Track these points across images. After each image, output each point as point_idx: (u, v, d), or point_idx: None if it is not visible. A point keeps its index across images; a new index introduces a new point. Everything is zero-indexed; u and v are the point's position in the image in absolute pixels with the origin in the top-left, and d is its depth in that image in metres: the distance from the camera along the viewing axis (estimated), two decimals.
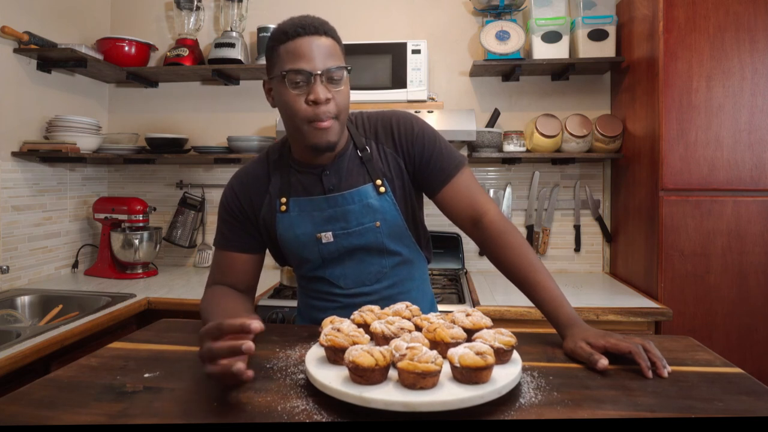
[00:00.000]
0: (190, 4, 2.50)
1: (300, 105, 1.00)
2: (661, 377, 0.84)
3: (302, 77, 0.99)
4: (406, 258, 1.18)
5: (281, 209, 1.12)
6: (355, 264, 1.15)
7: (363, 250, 1.14)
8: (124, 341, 1.04)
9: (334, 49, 1.04)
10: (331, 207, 1.11)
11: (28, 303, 1.99)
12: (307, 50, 0.99)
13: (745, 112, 1.89)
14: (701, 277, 1.90)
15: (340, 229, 1.11)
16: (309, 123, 1.01)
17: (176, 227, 2.62)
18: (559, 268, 2.51)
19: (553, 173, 2.51)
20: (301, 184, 1.13)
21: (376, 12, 2.57)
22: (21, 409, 0.74)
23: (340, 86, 1.03)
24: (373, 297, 1.16)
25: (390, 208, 1.12)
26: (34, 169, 2.21)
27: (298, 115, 1.01)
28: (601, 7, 2.26)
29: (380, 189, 1.11)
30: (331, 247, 1.12)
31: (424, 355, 0.72)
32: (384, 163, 1.13)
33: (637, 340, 0.89)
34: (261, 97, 2.63)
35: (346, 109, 1.07)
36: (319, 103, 0.99)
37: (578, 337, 0.93)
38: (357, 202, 1.10)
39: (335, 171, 1.12)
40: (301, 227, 1.12)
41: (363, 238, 1.12)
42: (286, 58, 1.00)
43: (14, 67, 2.12)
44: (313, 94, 0.99)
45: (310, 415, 0.71)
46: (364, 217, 1.11)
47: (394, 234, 1.14)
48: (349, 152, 1.13)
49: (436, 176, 1.13)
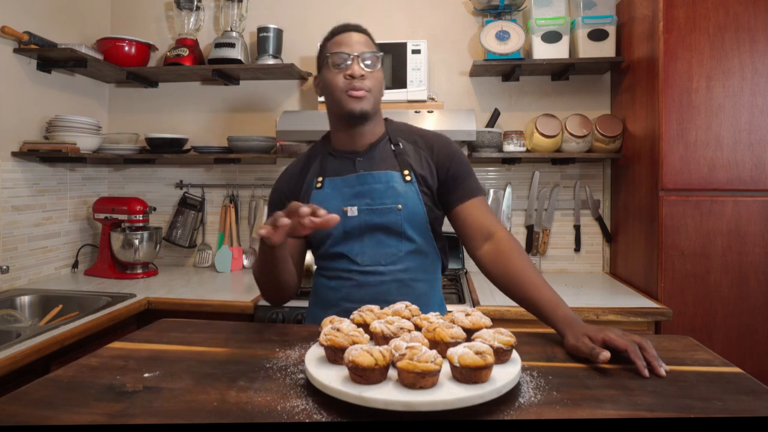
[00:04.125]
0: (190, 4, 2.50)
1: (339, 79, 1.20)
2: (659, 376, 0.85)
3: (342, 58, 1.20)
4: (422, 248, 1.25)
5: (316, 186, 1.26)
6: (373, 243, 1.22)
7: (382, 230, 1.22)
8: (124, 341, 1.04)
9: (369, 43, 1.25)
10: (359, 184, 1.23)
11: (28, 303, 1.99)
12: (347, 40, 1.22)
13: (745, 112, 1.89)
14: (701, 277, 1.90)
15: (364, 205, 1.22)
16: (345, 92, 1.19)
17: (176, 227, 2.62)
18: (559, 268, 2.51)
19: (553, 173, 2.51)
20: (336, 167, 1.27)
21: (376, 12, 2.57)
22: (21, 409, 0.74)
23: (373, 69, 1.22)
24: (386, 277, 1.21)
25: (413, 196, 1.22)
26: (34, 169, 2.21)
27: (337, 87, 1.20)
28: (601, 7, 2.26)
29: (406, 177, 1.23)
30: (354, 221, 1.22)
31: (423, 355, 0.72)
32: (416, 161, 1.25)
33: (636, 339, 0.90)
34: (261, 97, 2.63)
35: (379, 90, 1.24)
36: (355, 77, 1.18)
37: (579, 333, 0.95)
38: (383, 182, 1.22)
39: (368, 158, 1.26)
40: (331, 201, 1.23)
41: (384, 217, 1.21)
42: (331, 47, 1.23)
43: (14, 67, 2.12)
44: (350, 70, 1.19)
45: (310, 414, 0.71)
46: (388, 197, 1.21)
47: (413, 221, 1.22)
48: (383, 144, 1.27)
49: (460, 193, 1.24)
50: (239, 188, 2.64)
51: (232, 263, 2.53)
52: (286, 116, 2.22)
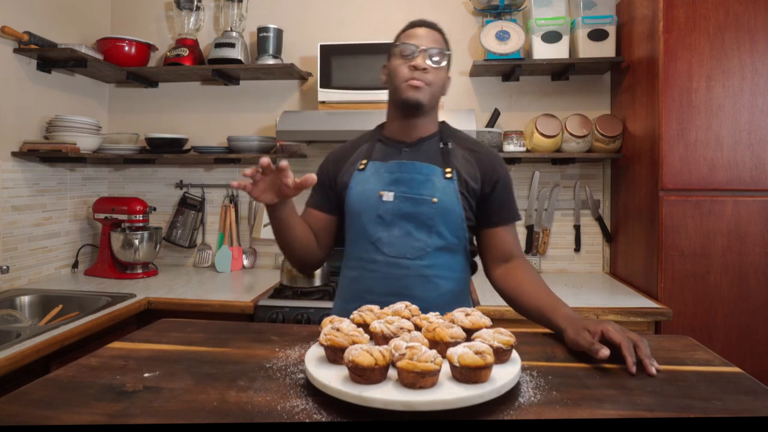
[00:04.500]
0: (190, 4, 2.50)
1: (403, 68, 1.23)
2: (649, 375, 0.85)
3: (410, 49, 1.23)
4: (452, 246, 1.25)
5: (359, 167, 1.29)
6: (402, 235, 1.23)
7: (414, 222, 1.22)
8: (124, 341, 1.04)
9: (440, 40, 1.27)
10: (399, 171, 1.25)
11: (28, 303, 1.99)
12: (419, 34, 1.26)
13: (745, 112, 1.89)
14: (701, 277, 1.90)
15: (401, 192, 1.23)
16: (405, 81, 1.22)
17: (176, 227, 2.62)
18: (559, 268, 2.51)
19: (553, 173, 2.51)
20: (383, 153, 1.30)
21: (376, 12, 2.57)
22: (21, 409, 0.74)
23: (438, 66, 1.24)
24: (410, 272, 1.22)
25: (450, 193, 1.23)
26: (34, 169, 2.21)
27: (399, 75, 1.23)
28: (601, 7, 2.26)
29: (447, 174, 1.24)
30: (388, 206, 1.23)
31: (423, 355, 0.72)
32: (463, 164, 1.26)
33: (632, 336, 0.91)
34: (261, 97, 2.63)
35: (440, 87, 1.26)
36: (418, 69, 1.21)
37: (579, 327, 0.96)
38: (423, 174, 1.24)
39: (415, 149, 1.28)
40: (370, 184, 1.26)
41: (418, 207, 1.22)
42: (403, 38, 1.27)
43: (14, 67, 2.12)
44: (415, 61, 1.22)
45: (310, 414, 0.71)
46: (425, 188, 1.22)
47: (447, 217, 1.23)
48: (433, 140, 1.30)
49: (498, 216, 1.27)
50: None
51: (232, 263, 2.53)
52: (286, 116, 2.22)
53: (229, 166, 2.63)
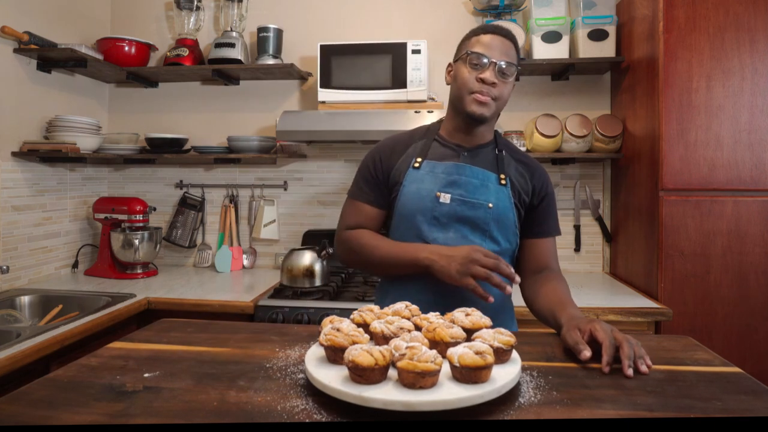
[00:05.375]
0: (190, 4, 2.50)
1: (471, 79, 1.20)
2: (626, 376, 0.84)
3: (480, 60, 1.20)
4: (505, 252, 1.26)
5: (414, 165, 1.27)
6: (458, 237, 1.22)
7: (470, 225, 1.23)
8: (124, 341, 1.04)
9: (512, 53, 1.23)
10: (457, 174, 1.24)
11: (28, 303, 1.99)
12: (492, 43, 1.21)
13: (745, 112, 1.89)
14: (701, 277, 1.90)
15: (458, 194, 1.23)
16: (471, 93, 1.20)
17: (176, 227, 2.62)
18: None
19: (553, 173, 2.51)
20: (440, 154, 1.28)
21: (376, 12, 2.57)
22: (21, 409, 0.74)
23: (507, 80, 1.21)
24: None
25: (504, 199, 1.24)
26: (34, 169, 2.21)
27: (466, 85, 1.21)
28: (601, 7, 2.26)
29: (502, 180, 1.25)
30: (445, 208, 1.22)
31: (423, 355, 0.72)
32: (515, 174, 1.27)
33: (618, 336, 0.91)
34: (261, 97, 2.63)
35: (504, 101, 1.24)
36: (486, 83, 1.19)
37: (571, 325, 0.98)
38: (480, 178, 1.24)
39: (472, 155, 1.28)
40: (426, 183, 1.24)
41: (474, 211, 1.22)
42: (475, 45, 1.22)
43: (14, 67, 2.12)
44: (484, 74, 1.19)
45: (310, 414, 0.71)
46: (481, 193, 1.23)
47: (501, 223, 1.24)
48: (489, 148, 1.30)
49: (542, 228, 1.29)
50: (239, 188, 2.64)
51: (232, 263, 2.53)
52: (286, 116, 2.22)
53: (229, 166, 2.63)
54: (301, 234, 2.56)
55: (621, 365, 0.86)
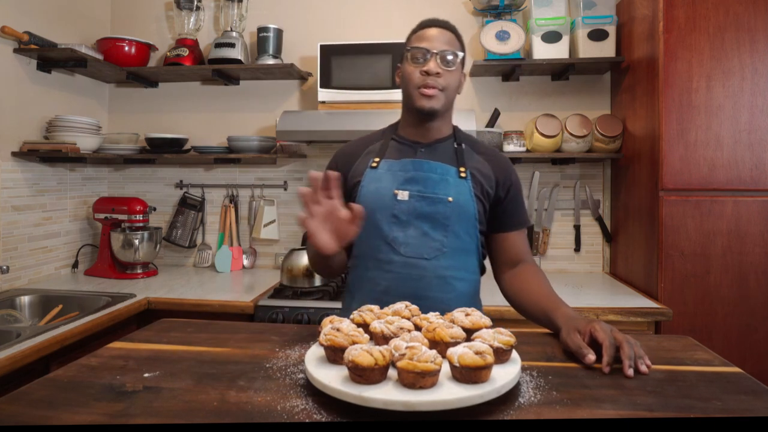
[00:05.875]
0: (190, 4, 2.50)
1: (415, 74, 1.21)
2: (626, 376, 0.84)
3: (421, 54, 1.21)
4: (467, 247, 1.24)
5: (372, 165, 1.27)
6: (418, 234, 1.21)
7: (429, 221, 1.21)
8: (124, 341, 1.04)
9: (452, 41, 1.24)
10: (414, 170, 1.24)
11: (28, 303, 1.99)
12: (430, 36, 1.23)
13: (745, 112, 1.89)
14: (701, 277, 1.90)
15: (416, 191, 1.22)
16: (418, 88, 1.21)
17: (176, 227, 2.62)
18: (559, 268, 2.51)
19: (553, 173, 2.51)
20: (397, 151, 1.29)
21: (376, 12, 2.57)
22: (21, 409, 0.74)
23: (451, 68, 1.21)
24: (427, 272, 1.20)
25: (465, 192, 1.22)
26: (34, 169, 2.21)
27: (411, 82, 1.22)
28: (601, 7, 2.26)
29: (461, 174, 1.24)
30: (403, 206, 1.22)
31: (423, 355, 0.72)
32: (477, 165, 1.26)
33: (618, 336, 0.90)
34: (261, 97, 2.63)
35: (453, 90, 1.24)
36: (430, 74, 1.19)
37: (571, 327, 0.97)
38: (438, 173, 1.23)
39: (430, 150, 1.27)
40: (384, 182, 1.24)
41: (433, 206, 1.21)
42: (414, 41, 1.25)
43: (14, 67, 2.12)
44: (426, 66, 1.19)
45: (310, 414, 0.71)
46: (440, 188, 1.22)
47: (462, 217, 1.22)
48: (448, 142, 1.29)
49: (510, 221, 1.28)
50: (239, 188, 2.64)
51: (232, 263, 2.53)
52: (286, 116, 2.22)
53: (229, 166, 2.63)
54: (301, 234, 2.56)
55: (621, 365, 0.86)
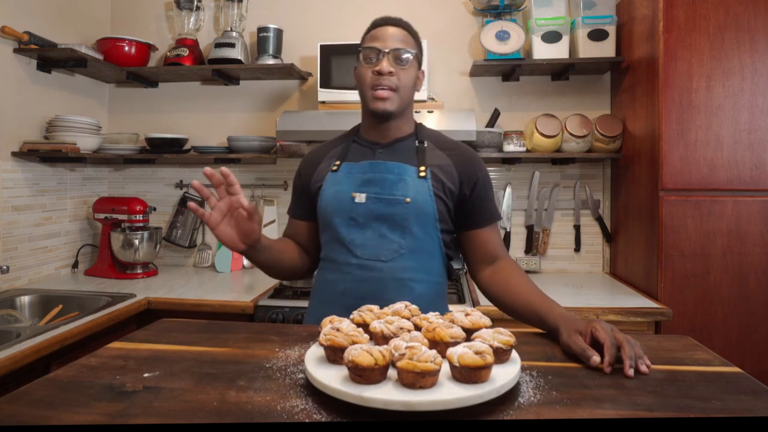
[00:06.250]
0: (190, 4, 2.50)
1: (368, 75, 1.20)
2: (627, 376, 0.84)
3: (373, 53, 1.20)
4: (426, 248, 1.22)
5: (333, 169, 1.26)
6: (376, 236, 1.20)
7: (387, 223, 1.20)
8: (124, 341, 1.04)
9: (406, 39, 1.22)
10: (372, 171, 1.22)
11: (28, 303, 1.99)
12: (382, 35, 1.21)
13: (745, 112, 1.89)
14: (701, 277, 1.90)
15: (373, 192, 1.20)
16: (372, 89, 1.19)
17: (176, 227, 2.62)
18: (559, 268, 2.51)
19: (553, 173, 2.51)
20: (357, 154, 1.28)
21: (376, 12, 2.55)
22: (21, 409, 0.74)
23: (405, 66, 1.20)
24: (384, 274, 1.19)
25: (424, 192, 1.20)
26: (34, 169, 2.21)
27: (365, 83, 1.20)
28: (601, 7, 2.26)
29: (421, 173, 1.21)
30: (361, 208, 1.20)
31: (423, 355, 0.72)
32: (438, 163, 1.23)
33: (619, 336, 0.89)
34: (261, 97, 2.63)
35: (408, 88, 1.22)
36: (383, 74, 1.17)
37: (571, 329, 0.95)
38: (395, 173, 1.21)
39: (389, 150, 1.25)
40: (342, 185, 1.23)
41: (391, 208, 1.19)
42: (366, 41, 1.24)
43: (14, 67, 2.12)
44: (378, 66, 1.18)
45: (310, 414, 0.71)
46: (398, 189, 1.20)
47: (420, 218, 1.20)
48: (408, 141, 1.27)
49: (479, 217, 1.25)
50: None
51: (232, 263, 2.53)
52: (286, 116, 2.22)
53: (229, 166, 2.63)
54: None
55: (622, 365, 0.86)
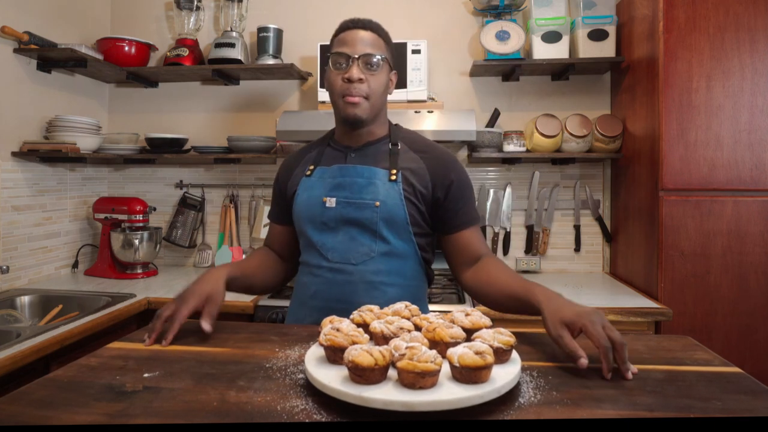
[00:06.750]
0: (190, 4, 2.50)
1: (337, 81, 1.17)
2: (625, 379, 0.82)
3: (343, 59, 1.17)
4: (398, 252, 1.21)
5: (306, 173, 1.27)
6: (347, 240, 1.20)
7: (357, 226, 1.19)
8: (124, 341, 1.04)
9: (375, 42, 1.20)
10: (342, 176, 1.21)
11: (28, 303, 1.99)
12: (350, 39, 1.19)
13: (745, 112, 1.89)
14: (701, 277, 1.90)
15: (343, 197, 1.20)
16: (342, 97, 1.17)
17: (176, 227, 2.62)
18: (559, 268, 2.51)
19: (553, 173, 2.51)
20: (330, 158, 1.27)
21: (376, 12, 2.57)
22: (21, 409, 0.74)
23: (375, 72, 1.18)
24: (354, 277, 1.18)
25: (394, 196, 1.18)
26: (34, 169, 2.21)
27: (335, 90, 1.18)
28: (601, 7, 2.26)
29: (391, 176, 1.19)
30: (331, 213, 1.20)
31: (423, 355, 0.72)
32: (411, 166, 1.21)
33: (615, 337, 0.83)
34: (261, 97, 2.63)
35: (379, 94, 1.20)
36: (353, 81, 1.15)
37: (557, 319, 0.89)
38: (365, 177, 1.20)
39: (361, 154, 1.24)
40: (315, 190, 1.23)
41: (360, 212, 1.18)
42: (335, 45, 1.21)
43: (14, 67, 2.12)
44: (348, 73, 1.15)
45: (310, 414, 0.71)
46: (367, 193, 1.18)
47: (391, 222, 1.18)
48: (381, 144, 1.25)
49: (457, 220, 1.21)
50: (239, 188, 2.64)
51: None
52: (286, 116, 2.22)
53: (229, 166, 2.63)
54: None
55: (620, 370, 0.84)
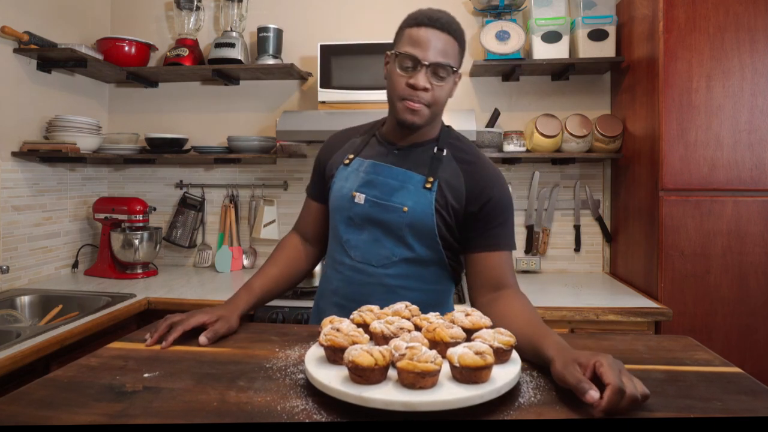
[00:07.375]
0: (190, 4, 2.50)
1: (401, 84, 1.10)
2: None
3: (411, 63, 1.08)
4: (423, 258, 1.16)
5: (345, 162, 1.22)
6: (371, 240, 1.16)
7: (383, 228, 1.15)
8: (124, 341, 1.04)
9: (450, 48, 1.11)
10: (375, 173, 1.17)
11: (28, 303, 1.99)
12: (424, 40, 1.08)
13: (745, 112, 1.89)
14: (701, 277, 1.90)
15: (372, 196, 1.16)
16: (402, 100, 1.10)
17: (176, 227, 2.62)
18: (559, 268, 2.51)
19: (553, 173, 2.51)
20: (373, 150, 1.22)
21: (376, 12, 2.57)
22: (21, 409, 0.74)
23: (442, 82, 1.10)
24: (372, 279, 1.16)
25: (425, 204, 1.12)
26: (34, 169, 2.21)
27: (396, 91, 1.11)
28: (601, 7, 2.26)
29: (427, 183, 1.13)
30: (359, 209, 1.17)
31: (423, 355, 0.72)
32: (450, 176, 1.14)
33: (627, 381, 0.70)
34: (261, 97, 2.63)
35: (441, 104, 1.13)
36: (417, 89, 1.08)
37: (569, 358, 0.78)
38: (398, 180, 1.15)
39: (405, 153, 1.18)
40: (349, 182, 1.19)
41: (387, 215, 1.14)
42: (406, 42, 1.10)
43: (14, 67, 2.12)
44: (414, 79, 1.07)
45: (310, 414, 0.71)
46: (398, 196, 1.14)
47: (417, 229, 1.13)
48: (426, 147, 1.19)
49: (485, 240, 1.13)
50: (239, 188, 2.64)
51: (232, 263, 2.53)
52: (286, 116, 2.22)
53: (229, 166, 2.63)
54: None
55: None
